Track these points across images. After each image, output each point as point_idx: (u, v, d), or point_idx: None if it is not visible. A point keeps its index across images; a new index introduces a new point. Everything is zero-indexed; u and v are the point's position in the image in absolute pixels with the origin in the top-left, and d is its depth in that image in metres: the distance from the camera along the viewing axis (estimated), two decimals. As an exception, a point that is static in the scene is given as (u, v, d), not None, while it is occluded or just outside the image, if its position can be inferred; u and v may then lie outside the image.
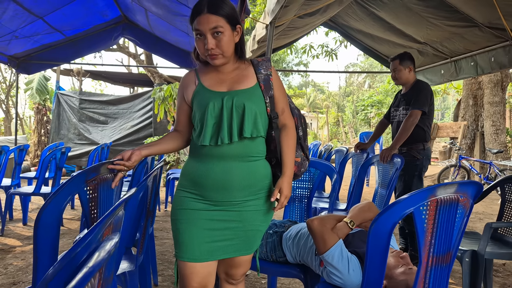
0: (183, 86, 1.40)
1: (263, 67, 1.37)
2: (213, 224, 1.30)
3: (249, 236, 1.35)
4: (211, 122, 1.28)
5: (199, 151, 1.33)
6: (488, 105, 6.85)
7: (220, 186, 1.29)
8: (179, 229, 1.31)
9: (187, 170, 1.36)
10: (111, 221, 0.77)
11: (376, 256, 1.12)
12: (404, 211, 1.08)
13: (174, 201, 1.36)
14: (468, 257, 1.94)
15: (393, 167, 2.48)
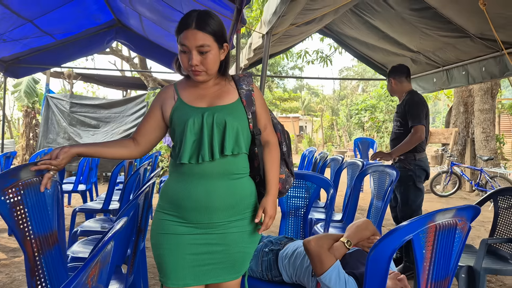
0: (161, 99, 1.34)
1: (245, 83, 1.35)
2: (196, 248, 1.25)
3: (235, 259, 1.29)
4: (191, 139, 1.23)
5: (179, 170, 1.27)
6: (479, 112, 6.94)
7: (203, 207, 1.24)
8: (162, 255, 1.26)
9: (167, 191, 1.29)
10: (97, 260, 0.73)
11: (375, 281, 1.10)
12: (403, 237, 1.06)
13: (154, 224, 1.30)
14: (464, 273, 1.93)
15: (389, 179, 2.47)
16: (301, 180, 2.11)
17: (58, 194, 1.49)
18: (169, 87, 1.36)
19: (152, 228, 1.30)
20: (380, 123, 16.00)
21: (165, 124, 1.34)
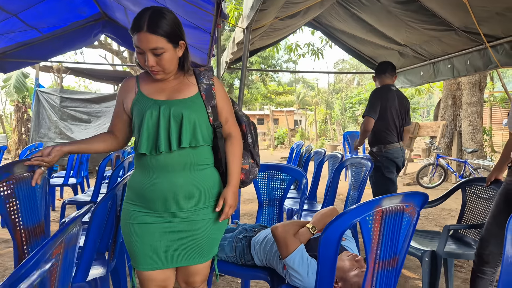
0: (122, 92, 1.39)
1: (205, 77, 1.39)
2: (164, 236, 1.32)
3: (202, 244, 1.36)
4: (148, 130, 1.29)
5: (142, 162, 1.33)
6: (466, 105, 7.04)
7: (168, 198, 1.29)
8: (131, 242, 1.33)
9: (133, 183, 1.35)
10: (61, 240, 0.82)
11: (327, 261, 1.19)
12: (351, 220, 1.16)
13: (123, 214, 1.37)
14: (428, 257, 2.04)
15: (364, 170, 2.58)
16: (277, 172, 2.21)
17: (46, 188, 1.58)
18: (131, 80, 1.40)
19: (121, 217, 1.38)
20: (373, 116, 16.04)
21: (126, 115, 1.41)
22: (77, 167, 4.44)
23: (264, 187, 2.21)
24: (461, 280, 2.70)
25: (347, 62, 32.24)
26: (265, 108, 28.16)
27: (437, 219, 4.56)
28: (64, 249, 0.87)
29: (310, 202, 3.28)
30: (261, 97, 23.41)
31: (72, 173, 4.44)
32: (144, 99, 1.34)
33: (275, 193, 2.21)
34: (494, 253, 1.85)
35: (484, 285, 1.89)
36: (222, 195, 1.37)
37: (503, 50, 3.70)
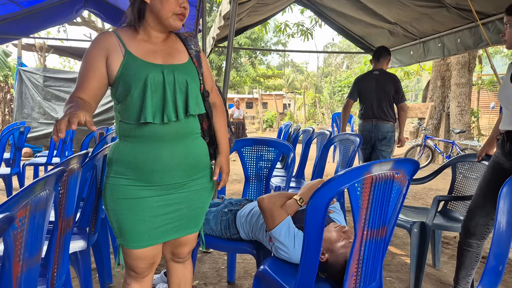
0: (102, 50, 1.18)
1: (193, 43, 1.32)
2: (159, 210, 1.24)
3: (195, 214, 1.34)
4: (152, 98, 1.17)
5: (137, 133, 1.19)
6: (455, 86, 7.07)
7: (168, 169, 1.22)
8: (122, 220, 1.22)
9: (123, 155, 1.21)
10: (27, 202, 0.75)
11: (314, 229, 1.16)
12: (339, 187, 1.11)
13: (110, 190, 1.22)
14: (417, 228, 2.05)
15: (353, 146, 2.55)
16: (264, 146, 2.16)
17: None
18: (110, 35, 1.21)
19: (107, 194, 1.23)
20: (362, 99, 16.11)
21: (107, 79, 1.20)
22: (60, 147, 4.31)
23: (251, 161, 2.16)
24: (448, 256, 2.74)
25: (336, 46, 32.04)
26: (254, 91, 27.93)
27: (424, 198, 4.61)
28: (31, 212, 0.80)
29: (297, 180, 3.25)
30: (250, 80, 23.17)
31: (56, 153, 4.32)
32: (138, 61, 1.18)
33: (262, 168, 2.16)
34: (480, 224, 1.86)
35: (470, 258, 1.91)
36: (217, 163, 1.39)
37: (495, 28, 3.66)
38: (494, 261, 1.36)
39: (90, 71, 1.17)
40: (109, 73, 1.19)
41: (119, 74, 1.18)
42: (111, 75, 1.19)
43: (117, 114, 1.25)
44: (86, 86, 1.16)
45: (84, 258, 1.66)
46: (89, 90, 1.16)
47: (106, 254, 2.03)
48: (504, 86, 1.85)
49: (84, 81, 1.17)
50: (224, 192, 2.18)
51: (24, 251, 0.82)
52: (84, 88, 1.16)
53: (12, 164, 3.64)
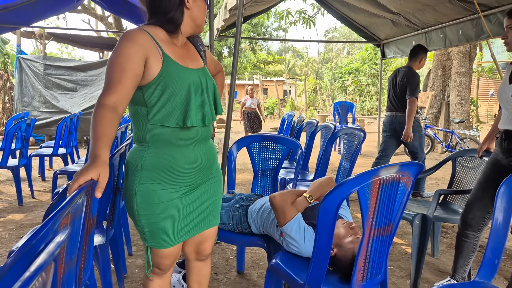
0: (143, 48, 1.13)
1: (200, 44, 1.37)
2: (187, 209, 1.29)
3: (215, 206, 1.41)
4: (196, 103, 1.21)
5: (175, 137, 1.21)
6: (455, 76, 7.09)
7: (200, 169, 1.30)
8: (156, 223, 1.24)
9: (159, 161, 1.21)
10: (69, 211, 0.82)
11: (325, 229, 1.24)
12: (349, 190, 1.19)
13: (143, 197, 1.22)
14: (418, 220, 2.14)
15: (356, 141, 2.62)
16: (272, 142, 2.22)
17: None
18: (146, 35, 1.16)
19: (138, 201, 1.22)
20: (362, 86, 16.10)
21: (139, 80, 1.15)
22: (66, 137, 4.37)
23: (259, 157, 2.23)
24: (446, 245, 2.85)
25: (337, 31, 31.66)
26: (254, 77, 27.78)
27: (425, 189, 4.71)
28: (72, 219, 0.88)
29: (302, 172, 3.34)
30: (251, 66, 23.03)
31: (61, 143, 4.38)
32: (177, 65, 1.19)
33: (270, 164, 2.24)
34: (477, 216, 1.96)
35: (468, 248, 2.01)
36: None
37: (496, 20, 3.69)
38: (491, 255, 1.46)
39: (129, 70, 1.11)
40: (146, 75, 1.16)
41: (159, 77, 1.16)
42: (147, 77, 1.16)
43: (145, 118, 1.20)
44: (122, 87, 1.10)
45: (103, 252, 1.74)
46: (124, 92, 1.11)
47: (121, 247, 2.13)
48: (503, 87, 1.91)
49: (120, 82, 1.10)
50: (233, 183, 2.26)
51: (66, 255, 0.89)
52: (119, 89, 1.10)
53: (20, 156, 3.70)
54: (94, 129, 1.05)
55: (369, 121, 13.60)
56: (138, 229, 1.30)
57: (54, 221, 0.75)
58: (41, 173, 4.79)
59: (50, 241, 0.67)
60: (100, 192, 1.00)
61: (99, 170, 1.00)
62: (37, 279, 0.53)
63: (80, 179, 0.96)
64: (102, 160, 1.03)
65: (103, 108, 1.08)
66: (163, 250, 1.30)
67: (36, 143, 7.43)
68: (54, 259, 0.74)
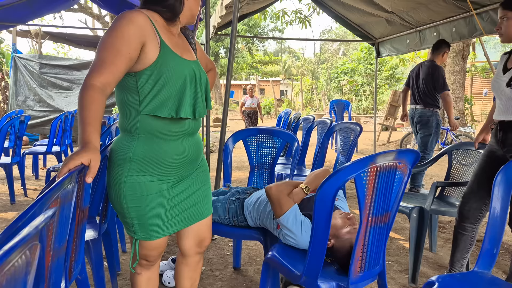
0: (142, 32, 1.08)
1: (191, 36, 1.36)
2: (176, 199, 1.27)
3: (207, 194, 1.38)
4: (190, 95, 1.18)
5: (166, 128, 1.18)
6: (449, 74, 7.14)
7: (189, 161, 1.28)
8: (145, 214, 1.21)
9: (150, 153, 1.18)
10: (58, 195, 0.80)
11: (321, 218, 1.22)
12: (346, 177, 1.17)
13: (132, 188, 1.19)
14: (416, 213, 2.13)
15: (353, 135, 2.60)
16: (268, 136, 2.20)
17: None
18: (145, 19, 1.11)
19: (127, 193, 1.19)
20: (358, 86, 16.16)
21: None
22: (60, 135, 4.32)
23: (256, 150, 2.21)
24: (444, 240, 2.85)
25: (333, 32, 31.78)
26: (251, 78, 27.79)
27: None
28: (61, 204, 0.85)
29: (299, 167, 3.32)
30: (247, 67, 23.03)
31: (56, 141, 4.33)
32: (174, 55, 1.16)
33: (266, 157, 2.21)
34: (474, 208, 1.95)
35: (465, 241, 2.00)
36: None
37: (488, 17, 3.71)
38: (489, 245, 1.44)
39: (124, 52, 1.06)
40: (141, 60, 1.11)
41: (155, 64, 1.12)
42: (142, 63, 1.11)
43: (136, 108, 1.15)
44: (114, 69, 1.06)
45: (95, 247, 1.71)
46: (116, 74, 1.07)
47: (114, 243, 2.09)
48: (496, 77, 1.90)
49: (113, 63, 1.05)
50: (229, 177, 2.23)
51: (55, 241, 0.87)
52: (111, 71, 1.05)
53: (13, 153, 3.65)
54: (84, 112, 1.01)
55: (365, 120, 13.65)
56: (125, 221, 1.26)
57: (41, 203, 0.73)
58: (34, 171, 4.73)
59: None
60: (91, 177, 0.97)
61: (90, 156, 0.97)
62: (19, 255, 0.50)
63: (71, 163, 0.93)
64: (93, 145, 1.00)
65: (92, 89, 1.03)
66: (152, 242, 1.26)
67: (30, 143, 7.36)
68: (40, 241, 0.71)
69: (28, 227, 0.52)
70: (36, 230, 0.53)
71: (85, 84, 1.05)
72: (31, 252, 0.59)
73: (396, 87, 15.62)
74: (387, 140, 8.55)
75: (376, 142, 7.10)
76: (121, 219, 1.29)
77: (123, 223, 1.29)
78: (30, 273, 0.57)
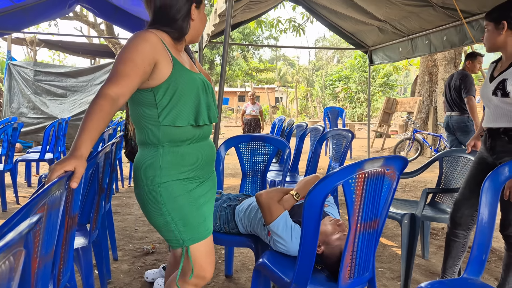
0: (153, 51, 1.17)
1: (190, 52, 1.43)
2: (202, 200, 1.33)
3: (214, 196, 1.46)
4: (205, 103, 1.28)
5: (187, 135, 1.27)
6: (442, 82, 7.23)
7: (209, 161, 1.38)
8: (187, 213, 1.26)
9: (177, 159, 1.26)
10: (45, 201, 0.80)
11: (310, 224, 1.23)
12: (335, 183, 1.18)
13: (168, 192, 1.24)
14: (407, 220, 2.14)
15: (345, 142, 2.62)
16: (260, 142, 2.22)
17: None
18: (157, 38, 1.20)
19: (164, 198, 1.24)
20: (352, 93, 16.29)
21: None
22: (53, 142, 4.30)
23: (248, 157, 2.22)
24: (436, 246, 2.86)
25: (327, 40, 32.12)
26: (246, 85, 27.90)
27: (414, 191, 4.75)
28: (48, 211, 0.85)
29: (292, 174, 3.33)
30: (242, 74, 23.14)
31: (49, 148, 4.30)
32: (184, 70, 1.25)
33: (258, 163, 2.22)
34: (466, 215, 1.97)
35: (457, 248, 2.01)
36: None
37: (479, 26, 3.78)
38: (477, 251, 1.46)
39: (140, 66, 1.14)
40: (156, 75, 1.19)
41: (170, 79, 1.21)
42: (158, 79, 1.19)
43: (155, 120, 1.23)
44: (130, 81, 1.13)
45: (85, 255, 1.70)
46: (130, 87, 1.14)
47: (105, 250, 2.08)
48: (484, 85, 1.94)
49: (129, 75, 1.12)
50: (221, 184, 2.24)
51: (41, 248, 0.86)
52: (126, 83, 1.12)
53: (5, 160, 3.62)
54: (88, 118, 1.05)
55: (359, 127, 13.73)
56: (170, 231, 1.26)
57: (27, 210, 0.73)
58: (27, 179, 4.69)
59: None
60: (75, 183, 0.98)
61: (76, 163, 1.00)
62: (3, 261, 0.50)
63: (57, 167, 0.96)
64: (81, 153, 1.02)
65: (105, 98, 1.09)
66: (205, 244, 1.28)
67: (24, 150, 7.30)
68: (25, 247, 0.71)
69: (12, 232, 0.52)
70: (20, 236, 0.53)
71: (100, 92, 1.10)
72: (15, 258, 0.59)
73: (390, 94, 15.77)
74: (381, 147, 8.61)
75: (370, 149, 7.15)
76: (165, 234, 1.28)
77: (168, 240, 1.29)
78: (14, 279, 0.57)
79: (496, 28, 1.81)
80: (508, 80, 1.76)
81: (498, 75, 1.84)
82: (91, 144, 1.06)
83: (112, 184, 2.14)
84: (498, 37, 1.81)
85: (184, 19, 1.26)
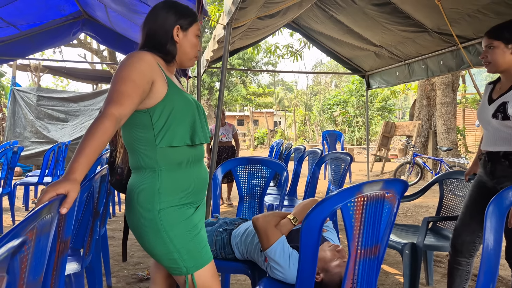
0: (150, 71, 1.17)
1: (178, 76, 1.44)
2: (200, 225, 1.31)
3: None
4: (199, 123, 1.28)
5: (183, 156, 1.24)
6: (440, 106, 7.29)
7: (205, 185, 1.35)
8: (189, 239, 1.23)
9: (176, 183, 1.22)
10: (34, 226, 0.77)
11: (309, 249, 1.19)
12: (333, 207, 1.16)
13: (168, 220, 1.20)
14: (408, 250, 2.07)
15: (344, 165, 2.61)
16: (257, 165, 2.20)
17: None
18: (152, 59, 1.21)
19: (165, 226, 1.19)
20: (351, 117, 16.42)
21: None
22: (52, 166, 4.28)
23: (245, 180, 2.20)
24: (441, 275, 2.77)
25: (324, 65, 32.76)
26: (245, 109, 28.19)
27: (415, 216, 4.67)
28: (37, 235, 0.83)
29: (290, 198, 3.29)
30: (241, 99, 23.44)
31: (48, 172, 4.27)
32: (178, 90, 1.26)
33: (256, 187, 2.20)
34: (467, 242, 1.90)
35: (461, 276, 1.94)
36: None
37: (475, 51, 3.85)
38: (484, 279, 1.40)
39: (140, 85, 1.13)
40: (152, 95, 1.18)
41: (165, 99, 1.20)
42: (154, 99, 1.18)
43: (151, 142, 1.20)
44: (131, 101, 1.11)
45: (77, 281, 1.64)
46: (131, 107, 1.12)
47: (98, 276, 2.01)
48: (482, 108, 1.90)
49: (130, 95, 1.11)
50: (218, 207, 2.20)
51: (29, 274, 0.83)
52: (128, 103, 1.10)
53: (4, 184, 3.59)
54: (89, 140, 1.01)
55: (358, 151, 13.72)
56: (172, 259, 1.21)
57: (14, 234, 0.71)
58: (25, 203, 4.63)
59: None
60: (65, 208, 0.94)
61: (69, 187, 0.96)
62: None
63: (50, 189, 0.93)
64: (74, 177, 0.98)
65: (109, 119, 1.05)
66: (209, 267, 1.26)
67: (24, 174, 7.28)
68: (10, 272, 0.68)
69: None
70: (3, 263, 0.51)
71: (105, 113, 1.06)
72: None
73: (388, 118, 15.88)
74: (381, 171, 8.57)
75: (370, 173, 7.11)
76: (167, 262, 1.23)
77: (170, 268, 1.23)
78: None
79: (507, 48, 1.75)
80: (509, 103, 1.71)
81: (498, 98, 1.79)
82: (87, 168, 1.02)
83: (108, 208, 2.10)
84: (510, 57, 1.75)
85: (170, 42, 1.26)
